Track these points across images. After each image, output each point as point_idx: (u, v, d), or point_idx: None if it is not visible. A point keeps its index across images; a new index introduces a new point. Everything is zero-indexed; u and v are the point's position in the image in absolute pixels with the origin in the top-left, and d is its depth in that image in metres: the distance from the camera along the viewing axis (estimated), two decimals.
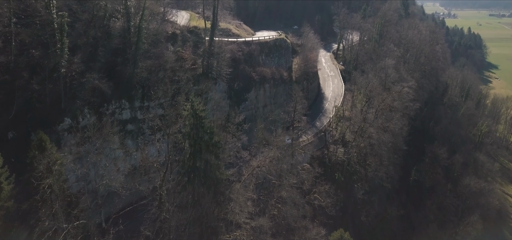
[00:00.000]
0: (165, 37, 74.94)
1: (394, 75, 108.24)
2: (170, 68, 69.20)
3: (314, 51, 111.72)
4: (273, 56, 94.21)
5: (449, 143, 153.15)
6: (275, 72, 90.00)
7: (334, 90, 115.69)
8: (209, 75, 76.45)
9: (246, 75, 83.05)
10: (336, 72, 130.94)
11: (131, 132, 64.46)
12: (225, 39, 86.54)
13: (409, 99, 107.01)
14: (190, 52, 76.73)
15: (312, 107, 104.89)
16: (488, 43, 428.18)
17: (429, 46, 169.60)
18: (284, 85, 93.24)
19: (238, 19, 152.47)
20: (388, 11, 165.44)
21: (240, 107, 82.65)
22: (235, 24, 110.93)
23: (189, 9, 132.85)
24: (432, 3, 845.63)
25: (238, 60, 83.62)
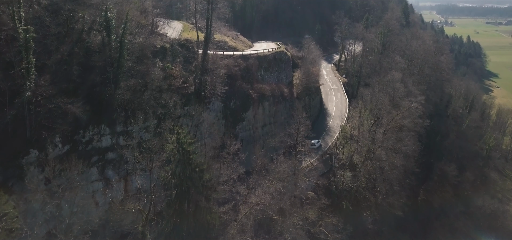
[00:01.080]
0: (152, 52, 67.23)
1: (402, 89, 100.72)
2: (157, 87, 61.39)
3: (316, 64, 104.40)
4: (272, 70, 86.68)
5: (457, 159, 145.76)
6: (275, 88, 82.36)
7: (338, 106, 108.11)
8: (202, 94, 68.63)
9: (243, 93, 75.34)
10: (339, 85, 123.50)
11: (112, 161, 56.36)
12: (220, 53, 79.02)
13: (418, 115, 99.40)
14: (181, 69, 68.94)
15: (315, 125, 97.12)
16: (487, 51, 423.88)
17: (434, 57, 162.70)
18: (285, 102, 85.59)
19: (235, 30, 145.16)
20: (390, 20, 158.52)
21: (237, 128, 74.91)
22: (232, 35, 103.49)
23: (183, 18, 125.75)
24: (429, 11, 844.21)
25: (235, 76, 75.97)
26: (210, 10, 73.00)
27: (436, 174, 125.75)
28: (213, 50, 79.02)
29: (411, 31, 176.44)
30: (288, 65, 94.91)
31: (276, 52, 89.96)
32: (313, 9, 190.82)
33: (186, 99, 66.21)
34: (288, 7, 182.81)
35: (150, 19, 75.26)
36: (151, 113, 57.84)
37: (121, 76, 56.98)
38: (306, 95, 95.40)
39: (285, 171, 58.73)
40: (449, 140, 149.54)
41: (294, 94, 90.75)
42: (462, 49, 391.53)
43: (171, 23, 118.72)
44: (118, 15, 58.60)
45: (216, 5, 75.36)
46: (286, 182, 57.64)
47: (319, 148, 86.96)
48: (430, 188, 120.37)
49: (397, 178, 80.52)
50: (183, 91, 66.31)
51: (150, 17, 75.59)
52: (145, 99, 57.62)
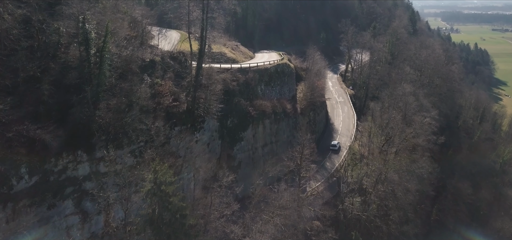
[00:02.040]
0: (140, 66, 60.45)
1: (414, 104, 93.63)
2: (143, 106, 54.58)
3: (321, 77, 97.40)
4: (274, 84, 79.84)
5: (470, 175, 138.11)
6: (277, 104, 75.43)
7: (345, 120, 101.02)
8: (195, 112, 61.81)
9: (242, 110, 68.48)
10: (346, 97, 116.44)
11: (91, 192, 49.49)
12: (217, 66, 72.35)
13: (431, 132, 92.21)
14: (172, 85, 62.16)
15: (320, 142, 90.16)
16: (495, 58, 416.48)
17: (444, 66, 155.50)
18: (288, 119, 78.65)
19: (236, 39, 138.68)
20: (398, 29, 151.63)
21: (235, 148, 68.01)
22: (231, 46, 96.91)
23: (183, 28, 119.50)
24: (433, 18, 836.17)
25: (232, 91, 69.19)
26: (205, 20, 66.31)
27: (450, 192, 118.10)
28: (209, 63, 72.56)
29: (420, 40, 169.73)
30: (291, 78, 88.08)
31: (278, 64, 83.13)
32: (317, 17, 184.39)
33: (176, 118, 59.45)
34: (291, 15, 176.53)
35: (140, 30, 68.57)
36: (135, 136, 51.02)
37: (102, 95, 50.37)
38: (311, 110, 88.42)
39: (288, 202, 51.60)
40: (461, 155, 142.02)
41: (298, 109, 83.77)
42: (469, 56, 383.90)
43: (167, 32, 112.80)
44: (101, 26, 52.10)
45: (212, 14, 68.50)
46: (288, 215, 50.46)
47: (338, 150, 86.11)
48: (443, 207, 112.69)
49: (412, 204, 73.14)
50: (173, 110, 59.57)
51: (140, 27, 68.94)
52: (128, 121, 50.75)
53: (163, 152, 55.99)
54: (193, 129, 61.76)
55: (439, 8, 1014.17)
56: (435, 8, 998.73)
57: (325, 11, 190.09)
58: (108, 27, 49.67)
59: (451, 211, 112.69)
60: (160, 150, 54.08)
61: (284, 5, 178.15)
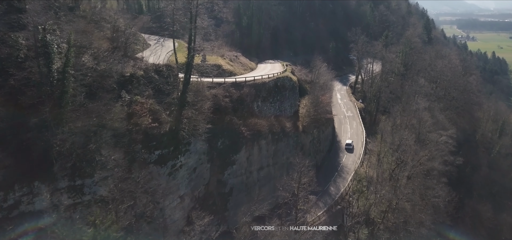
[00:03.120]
0: (118, 81, 53.93)
1: (429, 121, 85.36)
2: (117, 129, 47.83)
3: (327, 91, 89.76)
4: (273, 100, 72.55)
5: (490, 195, 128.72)
6: (274, 123, 68.06)
7: (353, 137, 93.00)
8: (179, 134, 54.84)
9: (234, 130, 61.33)
10: (355, 112, 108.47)
11: (50, 228, 42.79)
12: (209, 80, 65.45)
13: (448, 151, 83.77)
14: (154, 102, 55.38)
15: (325, 162, 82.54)
16: None
17: (462, 78, 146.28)
18: (287, 139, 71.16)
19: (238, 49, 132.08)
20: (412, 38, 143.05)
21: (225, 173, 60.93)
22: (230, 57, 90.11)
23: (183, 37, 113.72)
24: (449, 26, 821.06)
25: (224, 109, 62.19)
26: (193, 29, 59.58)
27: (468, 215, 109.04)
28: (202, 76, 65.97)
29: (435, 49, 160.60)
30: (293, 93, 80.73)
31: (277, 78, 75.82)
32: (327, 25, 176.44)
33: (157, 141, 52.55)
34: (300, 24, 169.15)
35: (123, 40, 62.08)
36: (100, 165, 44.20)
37: (66, 117, 43.71)
38: (315, 128, 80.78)
39: None
40: (480, 173, 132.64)
41: (300, 127, 76.19)
42: (487, 66, 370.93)
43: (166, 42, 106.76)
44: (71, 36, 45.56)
45: (201, 23, 61.76)
46: None
47: (353, 149, 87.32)
48: (461, 232, 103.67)
49: (426, 236, 64.74)
50: (153, 131, 52.68)
51: (122, 37, 62.48)
52: (92, 148, 43.93)
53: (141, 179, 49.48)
54: (177, 153, 54.79)
55: (454, 15, 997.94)
56: (450, 16, 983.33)
57: (335, 19, 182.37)
58: (71, 39, 43.09)
59: (470, 237, 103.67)
60: (129, 182, 47.12)
61: (293, 13, 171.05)
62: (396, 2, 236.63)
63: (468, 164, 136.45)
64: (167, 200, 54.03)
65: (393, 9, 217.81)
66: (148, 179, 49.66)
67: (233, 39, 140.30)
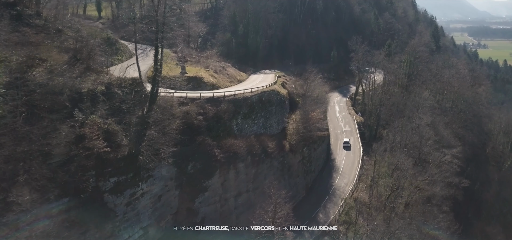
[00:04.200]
0: (73, 98, 47.79)
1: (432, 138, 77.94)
2: (59, 155, 41.57)
3: (321, 105, 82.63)
4: (256, 117, 65.78)
5: (501, 215, 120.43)
6: (255, 143, 61.19)
7: (349, 155, 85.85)
8: (140, 158, 48.32)
9: (206, 153, 54.60)
10: (353, 126, 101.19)
11: None
12: (182, 95, 59.08)
13: (452, 172, 76.19)
14: (113, 122, 48.98)
15: (316, 184, 75.46)
16: None
17: (470, 89, 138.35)
18: (270, 161, 64.17)
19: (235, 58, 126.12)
20: (417, 46, 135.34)
21: (196, 201, 54.16)
22: (216, 68, 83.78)
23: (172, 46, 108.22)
24: (460, 33, 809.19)
25: (196, 128, 55.66)
26: (159, 39, 53.25)
27: (476, 237, 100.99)
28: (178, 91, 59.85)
29: (443, 58, 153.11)
30: (281, 108, 73.92)
31: (262, 92, 69.06)
32: (330, 33, 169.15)
33: (113, 166, 46.08)
34: (301, 32, 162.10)
35: (85, 51, 56.00)
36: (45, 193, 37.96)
37: None
38: (305, 146, 73.71)
39: None
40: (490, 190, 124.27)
41: (286, 146, 69.19)
42: (498, 74, 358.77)
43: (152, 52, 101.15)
44: None
45: (169, 31, 55.43)
46: None
47: (350, 148, 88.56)
48: None
49: None
50: (109, 156, 46.22)
51: (85, 48, 56.40)
52: (21, 180, 37.58)
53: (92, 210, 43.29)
54: (137, 180, 48.25)
55: (465, 23, 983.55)
56: (461, 23, 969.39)
57: (339, 27, 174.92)
58: None
59: None
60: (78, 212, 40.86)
61: (293, 21, 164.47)
62: (403, 9, 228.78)
63: (477, 181, 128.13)
64: (126, 233, 47.53)
65: (399, 16, 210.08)
66: None
67: (229, 48, 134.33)
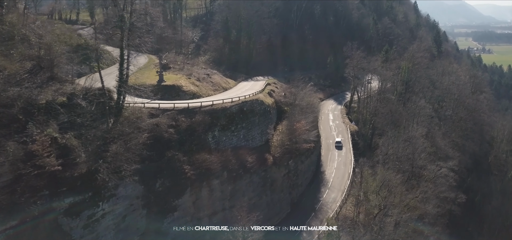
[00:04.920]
0: (29, 111, 44.03)
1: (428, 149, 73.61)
2: (6, 174, 37.76)
3: (309, 114, 78.29)
4: (236, 128, 61.61)
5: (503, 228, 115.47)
6: (232, 158, 56.93)
7: (340, 168, 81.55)
8: (99, 176, 44.29)
9: (176, 169, 50.52)
10: (346, 136, 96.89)
11: None
12: (154, 106, 55.19)
13: (448, 187, 71.73)
14: (72, 136, 45.09)
15: (303, 199, 71.21)
16: None
17: (471, 96, 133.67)
18: (250, 176, 59.88)
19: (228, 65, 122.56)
20: (416, 53, 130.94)
21: (165, 222, 50.01)
22: (199, 75, 79.91)
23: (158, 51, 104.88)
24: (464, 38, 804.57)
25: (166, 142, 51.66)
26: (124, 48, 49.52)
27: None
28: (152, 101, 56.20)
29: (443, 64, 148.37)
30: (264, 118, 69.69)
31: (244, 101, 64.90)
32: (328, 39, 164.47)
33: (68, 186, 42.12)
34: (297, 37, 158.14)
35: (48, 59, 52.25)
36: None
37: None
38: (290, 159, 69.42)
39: None
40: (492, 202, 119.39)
41: (269, 160, 64.89)
42: (502, 80, 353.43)
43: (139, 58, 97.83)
44: None
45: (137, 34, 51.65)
46: None
47: (342, 147, 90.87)
48: None
49: None
50: (65, 174, 42.29)
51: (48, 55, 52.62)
52: None
53: None
54: (97, 199, 44.22)
55: (470, 27, 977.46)
56: (466, 28, 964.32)
57: (337, 32, 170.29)
58: None
59: None
60: None
61: (289, 26, 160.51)
62: (404, 14, 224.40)
63: (478, 192, 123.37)
64: None
65: (400, 21, 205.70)
66: None
67: (222, 54, 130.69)
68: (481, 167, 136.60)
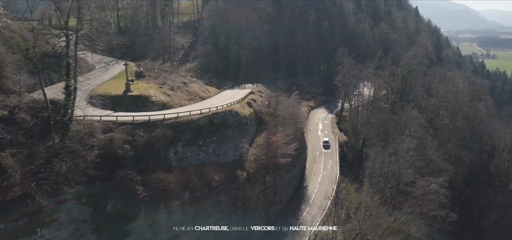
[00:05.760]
0: None
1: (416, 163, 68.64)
2: None
3: (289, 126, 73.38)
4: (204, 143, 56.86)
5: None
6: (194, 177, 51.94)
7: (323, 182, 76.57)
8: (37, 199, 39.74)
9: (129, 190, 45.84)
10: (334, 146, 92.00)
11: None
12: (110, 119, 50.63)
13: (438, 204, 66.68)
14: (7, 155, 40.61)
15: (281, 218, 66.01)
16: None
17: (469, 104, 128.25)
18: (216, 196, 54.86)
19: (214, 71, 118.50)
20: (412, 60, 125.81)
21: None
22: (175, 84, 75.40)
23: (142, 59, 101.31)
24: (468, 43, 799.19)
25: (120, 159, 47.07)
26: (68, 56, 45.10)
27: None
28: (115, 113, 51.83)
29: (440, 71, 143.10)
30: (239, 131, 64.86)
31: (215, 113, 60.11)
32: (322, 45, 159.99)
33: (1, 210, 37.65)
34: (291, 43, 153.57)
35: None
36: None
37: None
38: (267, 174, 64.51)
39: None
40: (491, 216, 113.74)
41: (241, 176, 59.97)
42: (506, 86, 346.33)
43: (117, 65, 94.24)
44: None
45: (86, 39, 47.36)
46: None
47: (329, 147, 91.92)
48: None
49: None
50: None
51: None
52: None
53: None
54: (34, 225, 39.69)
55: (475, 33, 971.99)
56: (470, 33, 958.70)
57: (332, 38, 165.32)
58: None
59: None
60: None
61: (282, 32, 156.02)
62: (403, 19, 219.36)
63: (477, 205, 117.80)
64: None
65: (398, 27, 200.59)
66: None
67: (211, 61, 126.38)
68: (481, 178, 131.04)
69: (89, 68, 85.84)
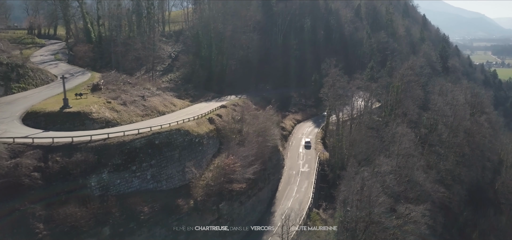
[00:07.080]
0: None
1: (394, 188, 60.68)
2: None
3: (253, 145, 65.61)
4: (140, 168, 49.84)
5: None
6: (117, 209, 44.61)
7: (294, 207, 68.46)
8: None
9: (29, 228, 38.99)
10: (313, 166, 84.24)
11: None
12: (26, 141, 44.14)
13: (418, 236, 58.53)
14: None
15: None
16: None
17: (470, 118, 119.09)
18: (149, 229, 47.59)
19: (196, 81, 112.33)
20: (408, 71, 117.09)
21: None
22: (130, 98, 69.03)
23: None
24: (483, 52, 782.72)
25: (26, 189, 40.44)
26: None
27: None
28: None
29: (440, 83, 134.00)
30: (190, 152, 57.64)
31: (157, 133, 53.05)
32: (316, 54, 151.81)
33: None
34: (281, 53, 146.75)
35: None
36: None
37: None
38: (221, 201, 57.17)
39: None
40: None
41: (185, 205, 52.64)
42: None
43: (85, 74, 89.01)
44: None
45: None
46: None
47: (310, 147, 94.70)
48: None
49: None
50: None
51: None
52: None
53: None
54: None
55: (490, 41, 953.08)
56: (485, 41, 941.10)
57: (328, 47, 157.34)
58: None
59: None
60: None
61: (273, 41, 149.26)
62: (406, 28, 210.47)
63: (476, 227, 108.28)
64: None
65: (400, 36, 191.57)
66: None
67: (193, 71, 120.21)
68: (485, 196, 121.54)
69: (47, 80, 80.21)
